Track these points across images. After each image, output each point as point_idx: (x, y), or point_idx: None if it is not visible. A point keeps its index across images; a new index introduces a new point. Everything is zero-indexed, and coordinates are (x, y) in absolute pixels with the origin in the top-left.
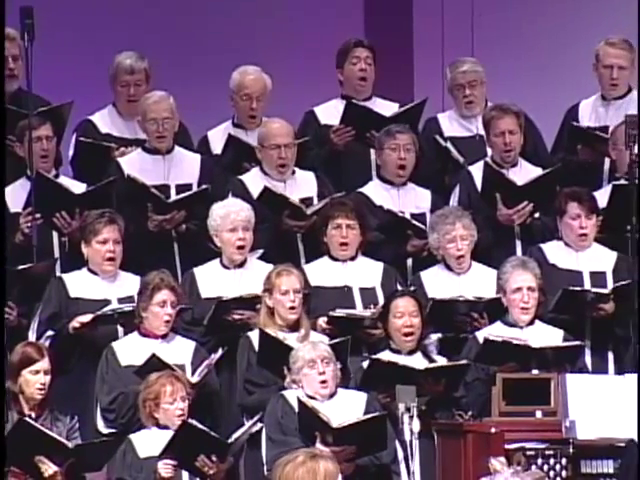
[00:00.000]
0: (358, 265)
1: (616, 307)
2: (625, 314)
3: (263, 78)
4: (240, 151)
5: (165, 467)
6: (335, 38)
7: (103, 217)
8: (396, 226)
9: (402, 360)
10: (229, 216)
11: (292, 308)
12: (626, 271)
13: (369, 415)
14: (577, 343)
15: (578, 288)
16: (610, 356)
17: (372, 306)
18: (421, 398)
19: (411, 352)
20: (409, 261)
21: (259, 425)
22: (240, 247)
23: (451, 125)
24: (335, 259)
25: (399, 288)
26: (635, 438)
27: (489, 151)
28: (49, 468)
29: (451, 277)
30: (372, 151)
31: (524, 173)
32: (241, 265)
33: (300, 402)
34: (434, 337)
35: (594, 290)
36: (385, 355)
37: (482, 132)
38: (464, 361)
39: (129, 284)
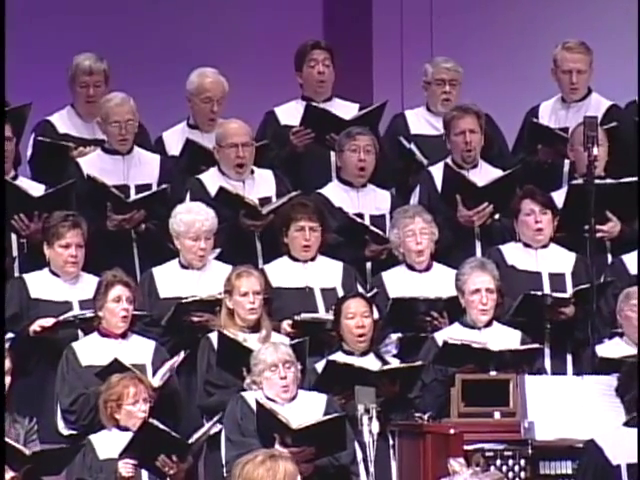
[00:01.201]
0: (318, 265)
1: (576, 310)
2: (584, 317)
3: (221, 80)
4: (198, 154)
5: (125, 466)
6: (294, 39)
7: (67, 221)
8: (354, 230)
9: (356, 362)
10: (194, 225)
11: (252, 309)
12: (585, 272)
13: (328, 416)
14: (535, 346)
15: (539, 293)
16: (569, 358)
17: (334, 307)
18: (377, 399)
19: (364, 353)
20: (368, 264)
21: (219, 426)
22: (201, 256)
23: (419, 122)
24: (295, 259)
25: (359, 288)
26: (595, 438)
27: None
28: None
29: (412, 277)
30: (332, 153)
31: (484, 174)
32: (201, 266)
33: (258, 404)
34: (394, 337)
35: (555, 295)
36: (338, 356)
37: None
38: (419, 362)
39: (90, 286)
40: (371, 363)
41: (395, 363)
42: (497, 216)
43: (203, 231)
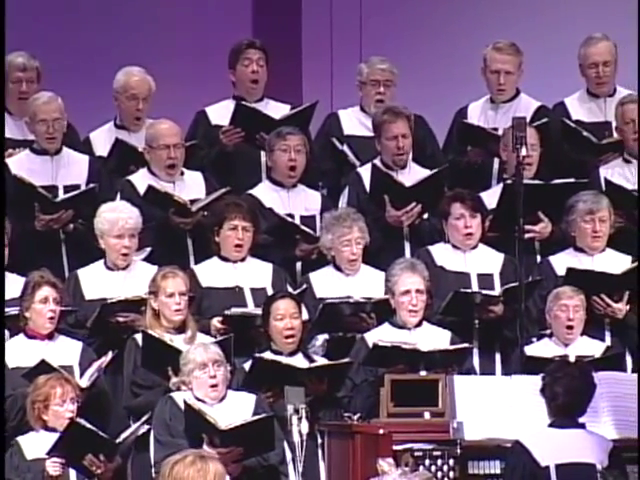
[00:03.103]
0: (248, 266)
1: (505, 309)
2: (513, 316)
3: (148, 79)
4: (126, 154)
5: (53, 465)
6: (223, 39)
7: None
8: (285, 230)
9: (285, 361)
10: (117, 223)
11: (178, 310)
12: (513, 273)
13: (257, 417)
14: (465, 346)
15: (469, 290)
16: (497, 357)
17: (263, 307)
18: (305, 399)
19: (292, 353)
20: (298, 264)
21: (146, 427)
22: (125, 254)
23: (352, 123)
24: (225, 260)
25: (289, 289)
26: (521, 439)
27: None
28: None
29: (340, 278)
30: (262, 153)
31: (413, 175)
32: (125, 267)
33: (187, 405)
34: (321, 338)
35: (484, 292)
36: (267, 356)
37: None
38: (346, 359)
39: (15, 285)
40: (299, 363)
41: (324, 361)
42: (426, 216)
43: (127, 229)
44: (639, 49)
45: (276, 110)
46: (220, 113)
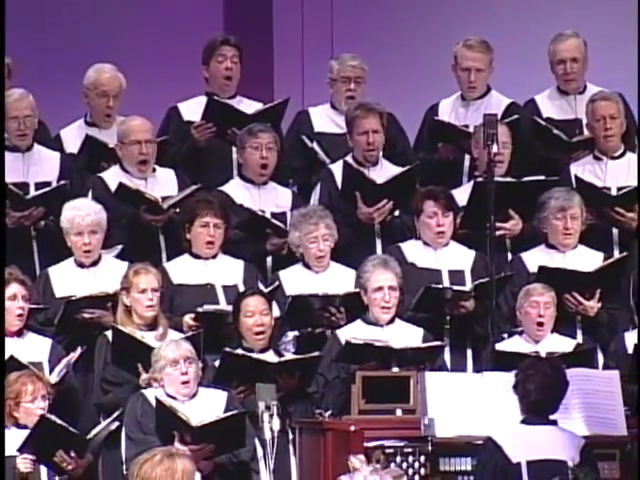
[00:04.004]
0: (220, 263)
1: (476, 305)
2: (484, 312)
3: (118, 76)
4: (97, 151)
5: (24, 462)
6: (195, 36)
7: None
8: (255, 225)
9: (255, 355)
10: (74, 220)
11: (150, 306)
12: (484, 269)
13: (228, 413)
14: (437, 343)
15: (440, 286)
16: (469, 354)
17: (233, 304)
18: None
19: (263, 350)
20: (269, 259)
21: (117, 423)
22: (86, 251)
23: (322, 120)
24: (197, 257)
25: (261, 286)
26: (493, 436)
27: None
28: None
29: (310, 276)
30: (234, 149)
31: (384, 172)
32: (95, 264)
33: (158, 401)
34: (291, 335)
35: (455, 288)
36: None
37: None
38: (317, 353)
39: None
40: (270, 358)
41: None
42: (397, 213)
43: (84, 226)
44: (639, 49)
45: (248, 108)
46: (192, 109)
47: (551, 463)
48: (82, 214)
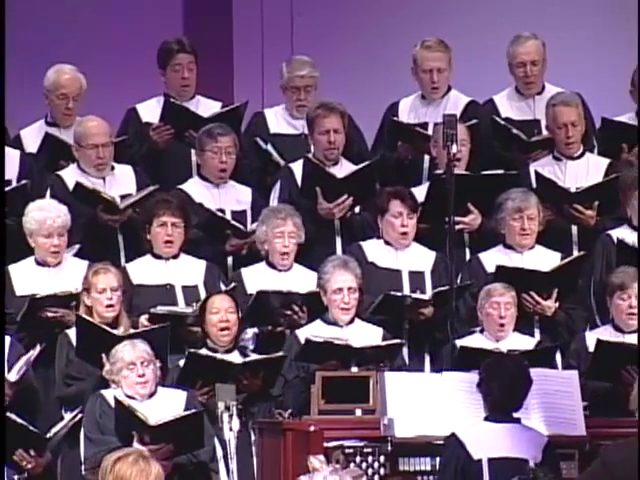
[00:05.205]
0: (181, 263)
1: (435, 311)
2: (443, 317)
3: (79, 77)
4: (57, 149)
5: None
6: (154, 37)
7: None
8: (215, 225)
9: (219, 356)
10: (45, 222)
11: (109, 306)
12: (444, 271)
13: (186, 412)
14: (396, 341)
15: (399, 293)
16: (427, 357)
17: (194, 303)
18: (239, 395)
19: (228, 351)
20: (229, 259)
21: (79, 416)
22: (55, 252)
23: (278, 122)
24: (158, 257)
25: (222, 287)
26: (457, 432)
27: (313, 149)
28: None
29: (272, 275)
30: (192, 151)
31: (344, 171)
32: (56, 263)
33: (117, 401)
34: (250, 332)
35: (414, 295)
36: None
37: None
38: (281, 353)
39: None
40: (235, 359)
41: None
42: (357, 209)
43: (55, 228)
44: (639, 50)
45: (207, 107)
46: (150, 110)
47: (512, 461)
48: (53, 216)
